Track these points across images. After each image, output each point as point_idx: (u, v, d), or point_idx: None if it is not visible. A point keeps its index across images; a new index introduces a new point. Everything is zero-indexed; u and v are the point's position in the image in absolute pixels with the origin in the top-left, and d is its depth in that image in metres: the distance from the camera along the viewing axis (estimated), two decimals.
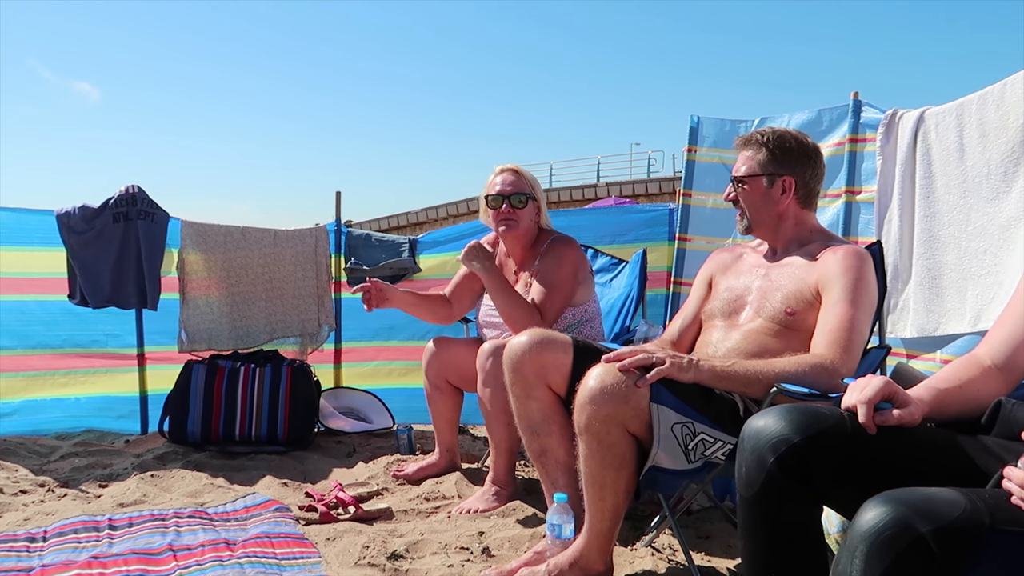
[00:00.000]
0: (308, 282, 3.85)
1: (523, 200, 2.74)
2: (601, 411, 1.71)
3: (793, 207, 2.04)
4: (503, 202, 2.73)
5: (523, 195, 2.74)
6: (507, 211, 2.73)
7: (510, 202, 2.73)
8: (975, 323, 2.54)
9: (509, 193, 2.73)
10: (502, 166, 2.82)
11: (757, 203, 2.05)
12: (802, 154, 2.04)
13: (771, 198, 2.03)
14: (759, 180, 2.04)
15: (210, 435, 3.31)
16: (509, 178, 2.76)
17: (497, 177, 2.78)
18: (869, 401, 1.25)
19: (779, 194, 2.03)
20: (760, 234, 2.11)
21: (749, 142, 2.08)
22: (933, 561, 0.95)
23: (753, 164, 2.05)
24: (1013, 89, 2.47)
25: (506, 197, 2.73)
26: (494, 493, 2.54)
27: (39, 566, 2.03)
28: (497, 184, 2.76)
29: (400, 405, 3.79)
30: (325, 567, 2.06)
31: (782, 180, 2.02)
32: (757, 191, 2.04)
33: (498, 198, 2.74)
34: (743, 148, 2.09)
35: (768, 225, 2.06)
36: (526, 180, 2.79)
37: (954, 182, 2.68)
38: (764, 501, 1.27)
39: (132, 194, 3.48)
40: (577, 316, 2.70)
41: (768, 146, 2.03)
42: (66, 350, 3.66)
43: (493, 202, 2.76)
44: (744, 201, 2.07)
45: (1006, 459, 1.17)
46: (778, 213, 2.04)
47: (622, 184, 16.55)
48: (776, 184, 2.03)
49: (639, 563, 2.04)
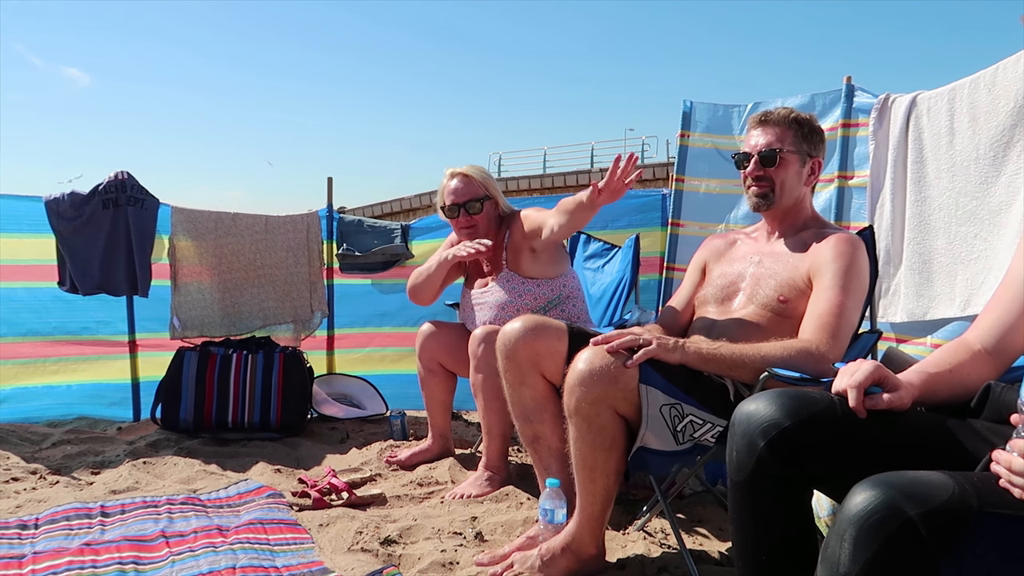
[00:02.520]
0: (300, 268, 3.83)
1: (478, 205, 2.72)
2: (590, 393, 1.71)
3: (807, 190, 2.04)
4: (459, 211, 2.72)
5: (476, 200, 2.72)
6: (465, 220, 2.72)
7: (466, 210, 2.71)
8: (965, 307, 2.55)
9: (463, 201, 2.71)
10: (453, 169, 2.78)
11: (791, 181, 1.99)
12: (822, 137, 2.04)
13: (801, 177, 2.01)
14: (796, 157, 1.99)
15: (203, 422, 3.30)
16: (459, 186, 2.73)
17: (451, 183, 2.75)
18: (859, 385, 1.26)
19: (808, 174, 2.01)
20: (774, 214, 2.04)
21: (776, 120, 2.00)
22: (922, 544, 0.96)
23: (788, 141, 1.98)
24: (1005, 73, 2.46)
25: (461, 206, 2.71)
26: (487, 478, 2.54)
27: (31, 553, 2.03)
28: (452, 192, 2.73)
29: (393, 391, 3.80)
30: (318, 553, 2.06)
31: (812, 161, 2.01)
32: (792, 168, 1.99)
33: (453, 208, 2.73)
34: (770, 125, 2.00)
35: (788, 205, 2.01)
36: (477, 182, 2.74)
37: (944, 166, 2.68)
38: (755, 485, 1.27)
39: (121, 180, 3.46)
40: (556, 291, 2.66)
41: (800, 124, 1.99)
42: (57, 337, 3.65)
43: (449, 212, 2.74)
44: (776, 177, 1.98)
45: (995, 442, 1.18)
46: (801, 194, 2.02)
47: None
48: (808, 164, 2.01)
49: (631, 547, 2.05)
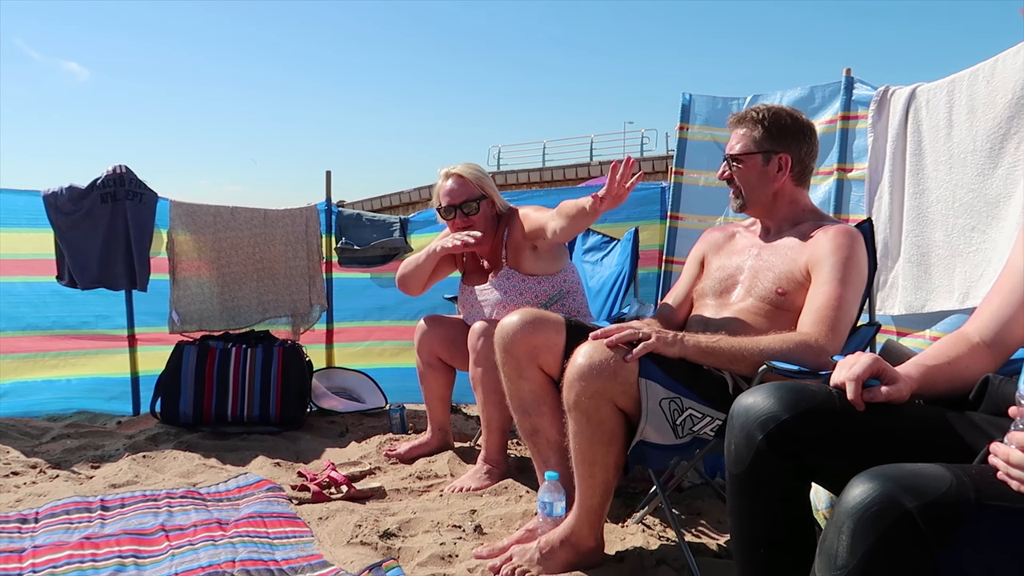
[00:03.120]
0: (299, 262, 3.83)
1: (474, 206, 2.70)
2: (590, 387, 1.71)
3: (788, 185, 2.03)
4: (455, 212, 2.71)
5: (472, 201, 2.70)
6: (461, 221, 2.71)
7: (462, 211, 2.70)
8: (963, 300, 2.55)
9: (459, 203, 2.70)
10: (448, 169, 2.76)
11: (752, 181, 2.03)
12: (797, 131, 2.03)
13: (767, 176, 2.01)
14: (755, 158, 2.02)
15: (202, 416, 3.31)
16: (454, 187, 2.71)
17: (446, 184, 2.73)
18: (858, 378, 1.26)
19: (775, 171, 2.01)
20: (754, 213, 2.08)
21: (743, 119, 2.05)
22: (919, 536, 0.96)
23: (748, 141, 2.03)
24: (1004, 65, 2.45)
25: (457, 207, 2.70)
26: (486, 472, 2.55)
27: (31, 547, 2.03)
28: (447, 194, 2.72)
29: (392, 385, 3.81)
30: (318, 546, 2.06)
31: (778, 157, 2.01)
32: (753, 169, 2.02)
33: (449, 210, 2.72)
34: (737, 126, 2.07)
35: (763, 203, 2.05)
36: (472, 183, 2.72)
37: (942, 158, 2.67)
38: (753, 478, 1.28)
39: (120, 174, 3.44)
40: (556, 287, 2.67)
41: (763, 123, 2.01)
42: (56, 332, 3.64)
43: (446, 214, 2.73)
44: (739, 179, 2.04)
45: (993, 435, 1.17)
46: (773, 191, 2.02)
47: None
48: (772, 161, 2.01)
49: (630, 539, 2.05)
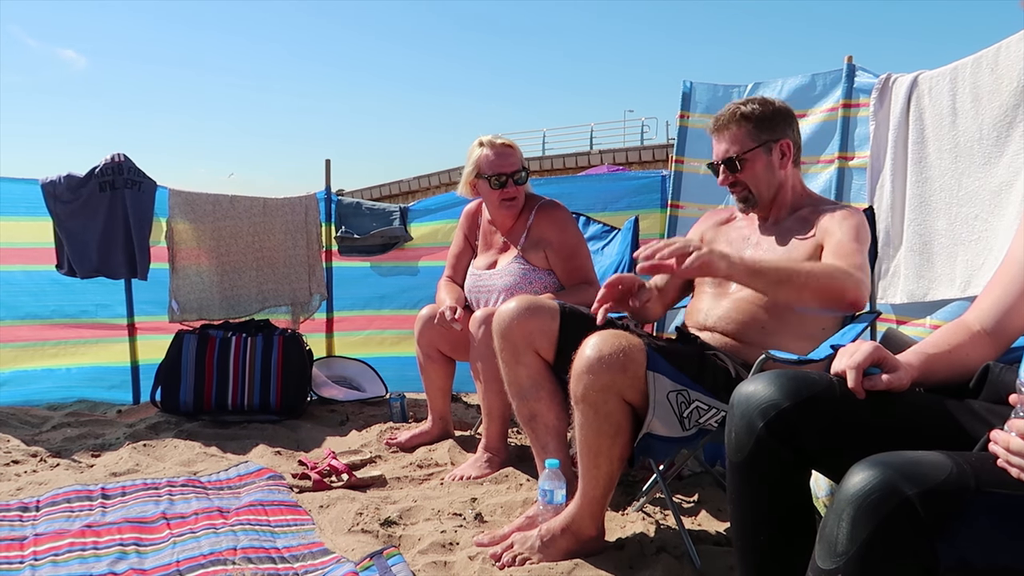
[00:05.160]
0: (299, 251, 3.83)
1: (524, 175, 2.72)
2: (599, 381, 1.71)
3: (791, 170, 2.02)
4: (507, 180, 2.70)
5: (523, 171, 2.72)
6: (513, 190, 2.71)
7: (513, 180, 2.70)
8: (965, 288, 2.54)
9: (511, 172, 2.70)
10: (491, 139, 2.74)
11: (761, 176, 1.99)
12: (784, 115, 2.01)
13: (773, 167, 1.99)
14: (757, 152, 1.98)
15: (202, 405, 3.31)
16: (508, 154, 2.72)
17: (492, 153, 2.70)
18: (858, 366, 1.25)
19: (779, 159, 1.99)
20: (763, 210, 2.04)
21: (728, 121, 1.99)
22: (919, 523, 0.96)
23: (744, 139, 1.98)
24: (1007, 53, 2.44)
25: (509, 176, 2.70)
26: (486, 460, 2.55)
27: (32, 535, 2.04)
28: (497, 162, 2.70)
29: (393, 373, 3.81)
30: (318, 534, 2.07)
31: (779, 144, 1.99)
32: (759, 164, 1.98)
33: (501, 177, 2.69)
34: (723, 130, 2.00)
35: (772, 197, 2.01)
36: (520, 154, 2.76)
37: (946, 147, 2.66)
38: (753, 466, 1.27)
39: (118, 163, 3.43)
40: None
41: (748, 118, 1.97)
42: (55, 320, 3.65)
43: (496, 182, 2.70)
44: (747, 180, 1.99)
45: (993, 423, 1.17)
46: (780, 181, 2.00)
47: (615, 151, 16.44)
48: (775, 150, 1.99)
49: (630, 527, 2.06)
